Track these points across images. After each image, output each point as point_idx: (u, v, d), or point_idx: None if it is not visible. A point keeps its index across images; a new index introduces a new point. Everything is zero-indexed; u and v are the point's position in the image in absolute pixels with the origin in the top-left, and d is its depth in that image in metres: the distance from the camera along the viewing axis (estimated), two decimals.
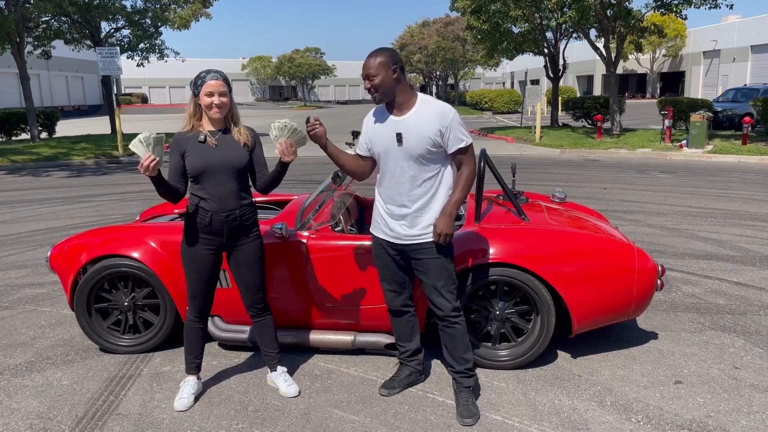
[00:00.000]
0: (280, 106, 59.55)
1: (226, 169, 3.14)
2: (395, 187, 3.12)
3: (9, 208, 9.45)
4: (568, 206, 4.74)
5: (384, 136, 3.10)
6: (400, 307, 3.38)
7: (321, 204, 4.10)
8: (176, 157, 3.18)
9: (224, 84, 3.12)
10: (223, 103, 3.12)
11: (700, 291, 5.05)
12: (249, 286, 3.34)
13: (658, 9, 16.59)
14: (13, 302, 5.09)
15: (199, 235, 3.20)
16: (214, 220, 3.16)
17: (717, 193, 9.56)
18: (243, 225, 3.24)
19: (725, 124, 19.37)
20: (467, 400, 3.21)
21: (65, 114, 38.52)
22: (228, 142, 3.17)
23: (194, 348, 3.40)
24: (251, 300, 3.37)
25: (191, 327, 3.36)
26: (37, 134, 19.58)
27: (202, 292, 3.28)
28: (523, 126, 23.14)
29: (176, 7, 22.71)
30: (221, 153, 3.14)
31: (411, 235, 3.12)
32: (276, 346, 3.49)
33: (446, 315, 3.18)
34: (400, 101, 3.06)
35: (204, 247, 3.21)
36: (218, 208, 3.15)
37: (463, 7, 19.76)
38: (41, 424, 3.17)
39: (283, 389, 3.43)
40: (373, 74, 2.98)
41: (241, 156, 3.17)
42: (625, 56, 40.77)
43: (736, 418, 3.12)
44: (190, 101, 3.19)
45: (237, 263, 3.30)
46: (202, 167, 3.11)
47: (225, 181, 3.15)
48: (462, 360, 3.24)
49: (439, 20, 51.73)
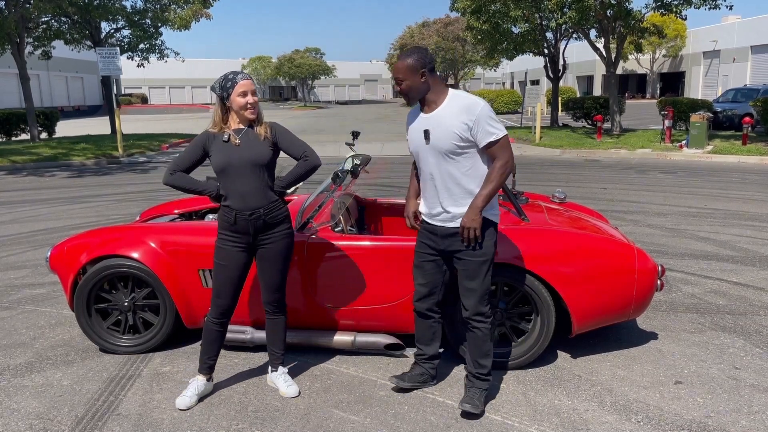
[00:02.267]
0: (280, 106, 59.54)
1: (248, 167, 3.14)
2: (428, 187, 3.13)
3: (9, 208, 9.45)
4: (568, 206, 4.74)
5: (416, 135, 3.12)
6: (425, 310, 3.35)
7: (321, 204, 4.10)
8: (196, 151, 3.21)
9: (253, 82, 3.17)
10: (256, 102, 3.17)
11: (700, 291, 5.05)
12: (269, 283, 3.34)
13: (658, 9, 16.60)
14: (13, 302, 5.09)
15: (228, 234, 3.22)
16: (238, 219, 3.17)
17: (717, 194, 9.56)
18: (268, 223, 3.23)
19: (725, 124, 19.37)
20: (474, 394, 3.20)
21: (65, 114, 38.52)
22: (251, 139, 3.18)
23: (209, 348, 3.38)
24: (269, 297, 3.37)
25: (210, 327, 3.35)
26: (37, 134, 19.58)
27: (227, 292, 3.27)
28: (523, 126, 23.14)
29: (176, 7, 22.72)
30: (242, 150, 3.14)
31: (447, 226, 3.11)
32: (283, 348, 3.49)
33: (469, 317, 3.16)
34: (430, 99, 3.07)
35: (232, 245, 3.23)
36: (242, 207, 3.16)
37: (463, 8, 19.76)
38: (41, 425, 3.17)
39: (283, 389, 3.43)
40: (402, 78, 3.02)
41: (262, 151, 3.17)
42: (625, 56, 40.75)
43: (736, 419, 3.12)
44: (218, 105, 3.19)
45: (262, 258, 3.31)
46: (223, 165, 3.13)
47: (247, 179, 3.15)
48: (477, 364, 3.22)
49: (439, 20, 51.78)
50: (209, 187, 3.23)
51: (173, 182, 3.20)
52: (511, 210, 4.13)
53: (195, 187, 3.23)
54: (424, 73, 3.02)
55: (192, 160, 3.22)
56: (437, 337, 3.42)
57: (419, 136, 3.10)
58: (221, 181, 3.20)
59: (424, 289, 3.30)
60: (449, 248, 3.13)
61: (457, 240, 3.08)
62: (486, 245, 3.07)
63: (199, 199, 5.02)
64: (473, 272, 3.08)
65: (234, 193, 3.16)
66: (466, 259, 3.08)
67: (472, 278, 3.09)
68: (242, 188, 3.15)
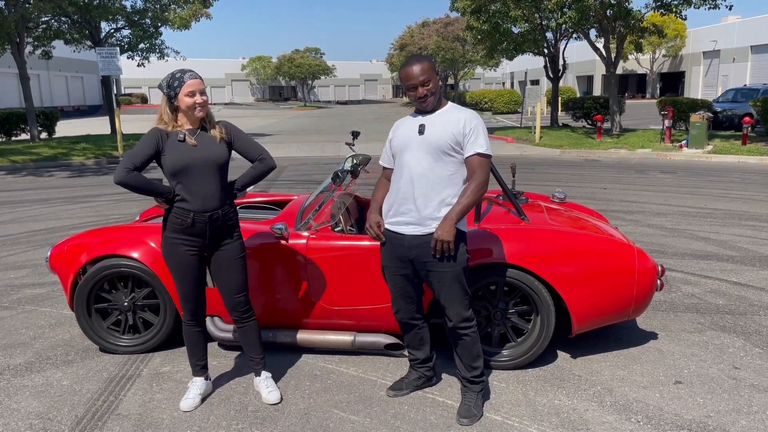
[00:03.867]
0: (280, 106, 59.54)
1: (208, 167, 3.07)
2: (403, 187, 3.04)
3: (9, 208, 9.45)
4: (567, 206, 4.74)
5: (406, 132, 3.10)
6: (407, 319, 3.32)
7: (321, 204, 4.09)
8: (150, 148, 3.03)
9: (202, 81, 3.09)
10: (205, 102, 3.08)
11: (700, 291, 5.05)
12: (231, 288, 3.25)
13: (658, 9, 16.59)
14: (13, 302, 5.09)
15: (181, 237, 3.12)
16: (196, 221, 3.08)
17: (717, 193, 9.56)
18: (226, 224, 3.18)
19: (725, 124, 19.37)
20: (470, 401, 3.19)
21: (65, 114, 38.49)
22: (207, 140, 3.11)
23: (195, 351, 3.36)
24: (233, 303, 3.28)
25: (189, 331, 3.32)
26: (37, 134, 19.57)
27: (192, 295, 3.23)
28: (523, 126, 23.13)
29: (176, 7, 22.70)
30: (201, 151, 3.06)
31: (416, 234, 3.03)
32: (260, 352, 3.41)
33: (455, 326, 3.13)
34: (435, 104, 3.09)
35: (186, 249, 3.13)
36: (200, 208, 3.08)
37: (463, 8, 19.75)
38: (41, 425, 3.17)
39: (264, 395, 3.37)
40: (427, 79, 3.00)
41: (221, 152, 3.11)
42: (625, 56, 40.70)
43: (735, 418, 3.12)
44: (164, 104, 3.08)
45: (218, 264, 3.23)
46: (181, 165, 3.03)
47: (207, 180, 3.07)
48: (470, 368, 3.22)
49: (439, 20, 51.72)
50: (165, 189, 3.08)
51: (129, 181, 2.96)
52: (511, 210, 4.13)
53: (151, 188, 3.04)
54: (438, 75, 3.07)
55: (146, 157, 3.02)
56: (426, 341, 3.41)
57: (411, 132, 3.07)
58: (176, 182, 3.08)
59: (400, 300, 3.27)
60: (420, 259, 3.05)
61: (428, 250, 3.00)
62: (459, 255, 3.03)
63: None
64: (450, 283, 3.04)
65: (193, 194, 3.06)
66: (441, 272, 3.02)
67: (450, 288, 3.05)
68: (203, 189, 3.07)
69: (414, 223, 3.04)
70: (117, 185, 2.99)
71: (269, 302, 3.86)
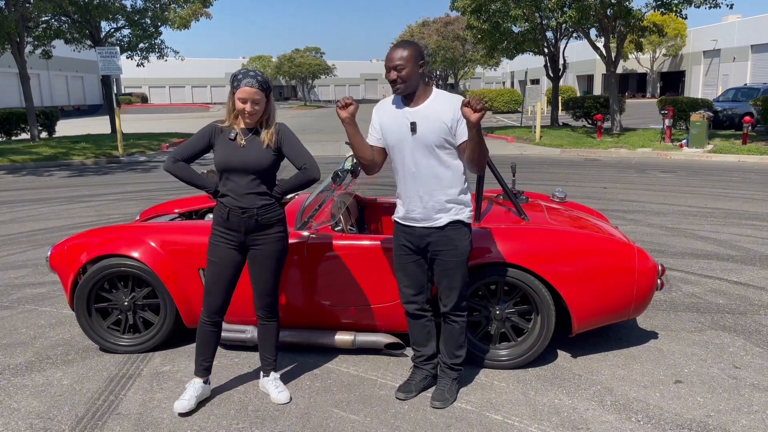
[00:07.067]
0: (280, 105, 59.53)
1: (247, 169, 3.11)
2: (407, 185, 3.11)
3: (9, 208, 9.45)
4: (568, 206, 4.74)
5: (397, 128, 3.08)
6: (415, 310, 3.35)
7: (321, 204, 4.09)
8: (202, 142, 3.19)
9: (259, 91, 3.05)
10: (256, 111, 3.09)
11: (700, 291, 5.05)
12: (260, 287, 3.29)
13: (659, 8, 16.58)
14: (13, 302, 5.09)
15: (221, 230, 3.21)
16: (231, 216, 3.16)
17: (717, 193, 9.55)
18: (263, 223, 3.19)
19: (725, 123, 19.37)
20: (444, 386, 3.33)
21: (65, 114, 38.50)
22: (255, 144, 3.14)
23: (203, 350, 3.33)
24: (261, 302, 3.33)
25: (202, 328, 3.30)
26: (37, 134, 19.58)
27: (217, 290, 3.22)
28: (523, 125, 23.13)
29: (176, 6, 22.71)
30: (243, 153, 3.11)
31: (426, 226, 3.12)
32: (275, 354, 3.44)
33: (448, 312, 3.24)
34: (419, 93, 3.06)
35: (224, 241, 3.21)
36: (235, 205, 3.14)
37: (463, 7, 19.75)
38: (41, 424, 3.17)
39: (274, 396, 3.38)
40: (402, 66, 2.96)
41: (260, 158, 3.12)
42: (625, 56, 40.75)
43: (736, 418, 3.12)
44: (229, 98, 3.14)
45: (253, 260, 3.27)
46: (224, 164, 3.12)
47: (244, 180, 3.13)
48: (452, 355, 3.33)
49: (439, 20, 51.74)
50: (209, 183, 3.21)
51: (175, 171, 3.18)
52: (511, 209, 4.13)
53: (195, 181, 3.19)
54: (422, 65, 3.03)
55: (196, 150, 3.19)
56: (432, 336, 3.42)
57: (402, 129, 3.06)
58: (222, 177, 3.18)
59: (410, 290, 3.30)
60: (428, 247, 3.16)
61: (436, 239, 3.12)
62: (463, 245, 3.14)
63: (199, 198, 5.02)
64: (452, 271, 3.15)
65: (230, 190, 3.15)
66: (445, 260, 3.14)
67: (452, 277, 3.16)
68: (238, 188, 3.13)
69: (423, 219, 3.13)
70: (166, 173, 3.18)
71: None
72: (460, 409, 3.25)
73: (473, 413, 3.21)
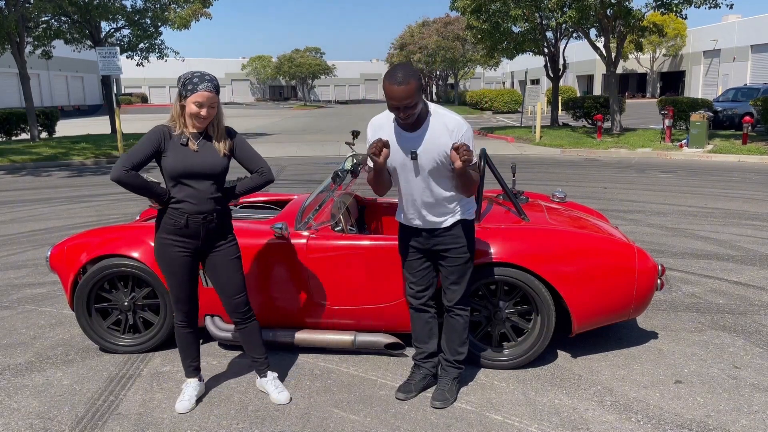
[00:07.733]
0: (280, 105, 59.55)
1: (206, 173, 3.07)
2: (408, 203, 3.15)
3: (9, 208, 9.45)
4: (568, 206, 4.74)
5: (399, 155, 3.06)
6: (420, 305, 3.37)
7: (321, 204, 4.09)
8: (151, 147, 3.01)
9: (216, 96, 3.02)
10: (210, 115, 3.04)
11: (700, 291, 5.05)
12: (228, 289, 3.24)
13: (658, 8, 16.58)
14: (13, 302, 5.09)
15: (174, 238, 3.12)
16: (190, 222, 3.08)
17: (717, 193, 9.55)
18: (220, 227, 3.18)
19: (725, 123, 19.37)
20: (444, 386, 3.33)
21: (65, 114, 38.50)
22: (208, 148, 3.09)
23: (188, 352, 3.35)
24: (232, 305, 3.27)
25: (180, 332, 3.31)
26: (37, 134, 19.58)
27: (184, 296, 3.22)
28: (523, 126, 23.13)
29: (176, 7, 22.71)
30: (201, 158, 3.05)
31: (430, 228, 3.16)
32: (263, 352, 3.41)
33: (452, 306, 3.27)
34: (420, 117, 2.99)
35: (178, 250, 3.13)
36: (195, 210, 3.07)
37: (463, 7, 19.75)
38: (41, 424, 3.17)
39: (274, 396, 3.37)
40: (410, 102, 2.81)
41: (219, 162, 3.09)
42: (625, 56, 40.74)
43: (736, 418, 3.12)
44: (176, 103, 3.05)
45: (214, 267, 3.22)
46: (180, 170, 3.02)
47: (203, 185, 3.08)
48: (455, 351, 3.34)
49: (439, 20, 51.73)
50: (161, 191, 3.07)
51: (128, 180, 2.93)
52: (511, 209, 4.13)
53: (147, 189, 3.01)
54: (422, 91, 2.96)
55: (147, 156, 2.99)
56: (434, 334, 3.43)
57: (404, 155, 3.05)
58: (173, 184, 3.07)
59: (416, 285, 3.33)
60: (434, 247, 3.20)
61: (442, 238, 3.16)
62: (471, 242, 3.21)
63: None
64: (458, 271, 3.20)
65: (188, 196, 3.06)
66: (452, 257, 3.18)
67: (458, 276, 3.21)
68: (198, 193, 3.06)
69: (427, 225, 3.18)
70: (114, 183, 2.96)
71: (269, 302, 3.86)
72: (460, 409, 3.25)
73: (473, 413, 3.21)
